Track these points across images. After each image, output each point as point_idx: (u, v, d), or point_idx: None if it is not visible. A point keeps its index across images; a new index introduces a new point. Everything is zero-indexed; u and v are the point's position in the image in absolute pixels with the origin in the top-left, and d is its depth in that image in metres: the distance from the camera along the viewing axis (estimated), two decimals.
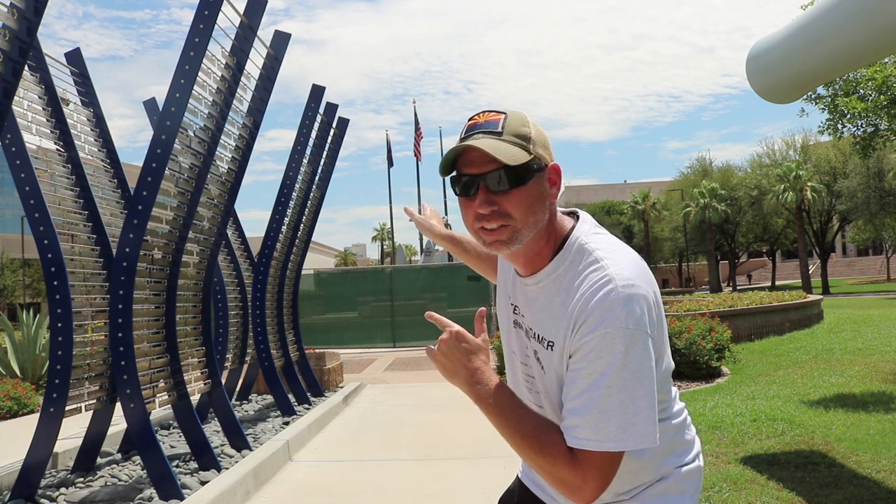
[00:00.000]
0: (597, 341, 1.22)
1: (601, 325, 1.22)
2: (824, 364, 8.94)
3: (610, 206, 60.60)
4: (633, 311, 1.22)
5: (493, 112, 1.30)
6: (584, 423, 1.22)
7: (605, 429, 1.21)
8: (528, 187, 1.27)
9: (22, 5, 3.49)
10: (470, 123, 1.31)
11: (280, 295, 7.82)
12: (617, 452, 1.22)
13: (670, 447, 1.40)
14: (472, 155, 1.27)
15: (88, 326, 4.64)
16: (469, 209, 1.30)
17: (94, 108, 5.47)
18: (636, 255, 1.34)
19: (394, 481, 4.84)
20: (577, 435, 1.23)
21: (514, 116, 1.30)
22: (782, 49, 4.17)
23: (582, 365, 1.24)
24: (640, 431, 1.22)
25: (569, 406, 1.26)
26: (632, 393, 1.21)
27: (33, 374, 9.80)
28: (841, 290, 38.26)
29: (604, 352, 1.22)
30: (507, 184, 1.26)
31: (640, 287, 1.25)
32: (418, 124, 39.54)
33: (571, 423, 1.24)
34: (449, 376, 1.37)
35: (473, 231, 1.33)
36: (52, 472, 5.01)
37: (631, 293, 1.23)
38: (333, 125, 8.32)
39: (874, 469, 4.34)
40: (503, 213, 1.27)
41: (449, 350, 1.35)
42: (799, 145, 42.96)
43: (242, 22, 5.13)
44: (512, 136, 1.27)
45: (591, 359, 1.23)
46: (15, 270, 40.13)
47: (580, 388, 1.24)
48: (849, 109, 15.87)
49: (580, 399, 1.24)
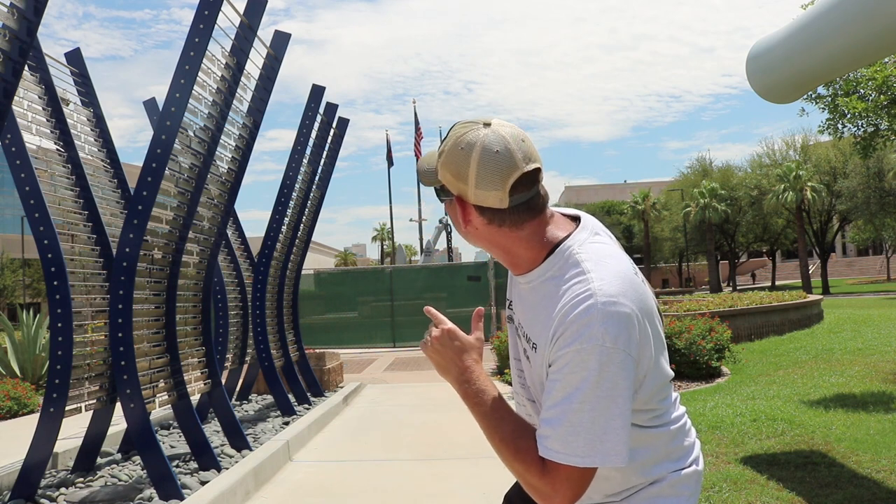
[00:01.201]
0: (572, 356, 1.22)
1: (577, 341, 1.21)
2: (824, 364, 8.94)
3: (610, 206, 60.61)
4: (611, 329, 1.20)
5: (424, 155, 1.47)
6: (555, 435, 1.22)
7: (574, 443, 1.20)
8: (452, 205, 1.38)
9: (22, 5, 3.49)
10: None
11: (280, 295, 7.82)
12: (585, 468, 1.23)
13: (666, 453, 1.39)
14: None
15: (88, 326, 4.64)
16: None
17: (94, 108, 5.47)
18: (626, 269, 1.30)
19: (394, 481, 4.84)
20: (547, 445, 1.23)
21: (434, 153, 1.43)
22: (782, 49, 4.17)
23: (558, 377, 1.24)
24: (608, 450, 1.21)
25: (543, 415, 1.26)
26: (604, 411, 1.20)
27: (33, 374, 9.81)
28: (841, 290, 38.26)
29: (578, 367, 1.21)
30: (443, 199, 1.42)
31: (623, 304, 1.23)
32: (418, 124, 39.55)
33: (543, 432, 1.25)
34: (441, 372, 1.41)
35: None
36: (52, 472, 5.01)
37: (611, 311, 1.21)
38: (333, 125, 8.32)
39: (874, 469, 4.33)
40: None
41: (441, 347, 1.39)
42: (799, 145, 42.98)
43: (242, 22, 5.13)
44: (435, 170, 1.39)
45: (566, 372, 1.22)
46: (15, 270, 40.12)
47: (554, 399, 1.24)
48: (849, 109, 15.87)
49: (554, 410, 1.24)
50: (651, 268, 55.51)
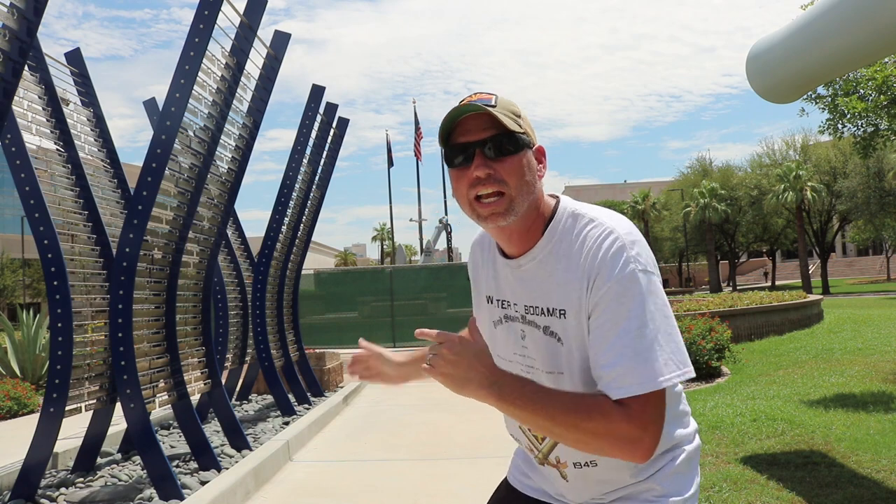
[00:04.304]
0: (616, 287, 1.24)
1: (617, 272, 1.25)
2: (824, 364, 8.94)
3: (610, 206, 60.40)
4: (642, 253, 1.28)
5: (484, 92, 1.35)
6: (625, 371, 1.21)
7: (646, 370, 1.21)
8: (521, 156, 1.32)
9: (22, 5, 3.49)
10: (464, 101, 1.34)
11: (280, 295, 7.82)
12: (661, 391, 1.23)
13: (674, 415, 1.41)
14: (468, 125, 1.31)
15: (88, 326, 4.64)
16: (464, 178, 1.33)
17: (94, 108, 5.47)
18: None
19: (394, 481, 4.83)
20: (620, 385, 1.21)
21: (504, 97, 1.35)
22: (782, 49, 4.17)
23: (607, 316, 1.25)
24: (680, 360, 1.24)
25: (603, 361, 1.25)
26: (665, 324, 1.24)
27: (33, 374, 9.80)
28: (841, 289, 38.26)
29: (625, 295, 1.24)
30: (503, 151, 1.30)
31: (639, 236, 1.32)
32: (418, 124, 39.57)
33: (611, 375, 1.23)
34: (459, 386, 1.25)
35: (468, 202, 1.34)
36: (52, 472, 5.01)
37: (634, 239, 1.29)
38: (333, 125, 8.31)
39: (874, 469, 4.33)
40: (499, 178, 1.30)
41: (456, 356, 1.24)
42: (799, 145, 43.00)
43: (242, 22, 5.12)
44: (505, 109, 1.32)
45: (614, 307, 1.24)
46: (15, 270, 40.13)
47: (610, 339, 1.24)
48: (849, 109, 15.87)
49: (614, 349, 1.23)
50: None
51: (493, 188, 1.30)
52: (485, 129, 1.30)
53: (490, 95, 1.34)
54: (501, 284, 1.47)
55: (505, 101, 1.34)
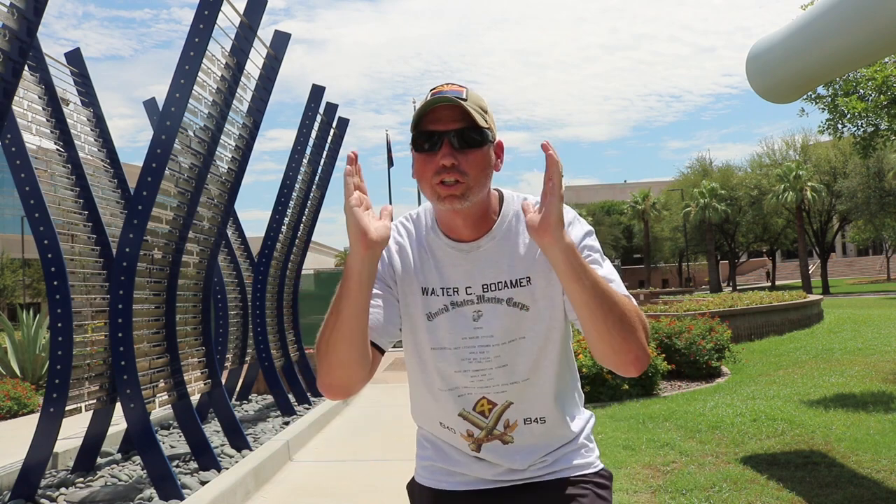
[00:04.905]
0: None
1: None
2: (824, 364, 8.94)
3: (610, 206, 60.59)
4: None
5: (455, 84, 1.44)
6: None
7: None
8: (483, 151, 1.42)
9: (22, 5, 3.49)
10: (435, 90, 1.42)
11: (280, 295, 7.82)
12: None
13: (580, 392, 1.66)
14: (439, 114, 1.40)
15: (88, 326, 4.64)
16: (430, 164, 1.41)
17: (94, 108, 5.47)
18: None
19: (393, 481, 4.83)
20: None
21: (473, 92, 1.45)
22: (782, 49, 4.17)
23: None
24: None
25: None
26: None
27: (33, 374, 9.80)
28: (841, 289, 38.26)
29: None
30: (469, 143, 1.40)
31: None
32: None
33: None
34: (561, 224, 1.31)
35: (430, 186, 1.42)
36: (52, 472, 5.01)
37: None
38: (333, 125, 8.31)
39: (874, 469, 4.33)
40: (461, 170, 1.39)
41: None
42: (799, 145, 43.00)
43: (242, 22, 5.12)
44: (474, 104, 1.42)
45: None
46: (15, 270, 40.13)
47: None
48: (849, 109, 15.88)
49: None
50: (651, 268, 55.51)
51: (454, 177, 1.39)
52: (454, 120, 1.39)
53: (462, 88, 1.43)
54: (447, 272, 1.53)
55: (475, 95, 1.44)
